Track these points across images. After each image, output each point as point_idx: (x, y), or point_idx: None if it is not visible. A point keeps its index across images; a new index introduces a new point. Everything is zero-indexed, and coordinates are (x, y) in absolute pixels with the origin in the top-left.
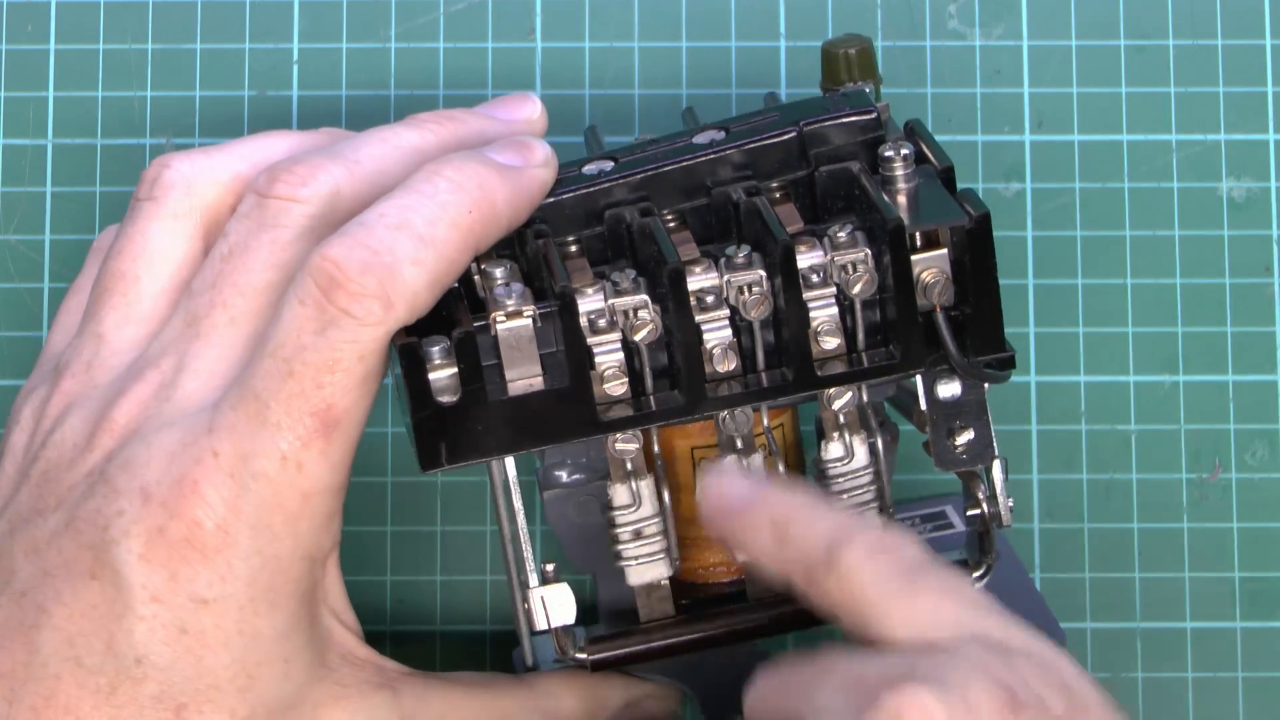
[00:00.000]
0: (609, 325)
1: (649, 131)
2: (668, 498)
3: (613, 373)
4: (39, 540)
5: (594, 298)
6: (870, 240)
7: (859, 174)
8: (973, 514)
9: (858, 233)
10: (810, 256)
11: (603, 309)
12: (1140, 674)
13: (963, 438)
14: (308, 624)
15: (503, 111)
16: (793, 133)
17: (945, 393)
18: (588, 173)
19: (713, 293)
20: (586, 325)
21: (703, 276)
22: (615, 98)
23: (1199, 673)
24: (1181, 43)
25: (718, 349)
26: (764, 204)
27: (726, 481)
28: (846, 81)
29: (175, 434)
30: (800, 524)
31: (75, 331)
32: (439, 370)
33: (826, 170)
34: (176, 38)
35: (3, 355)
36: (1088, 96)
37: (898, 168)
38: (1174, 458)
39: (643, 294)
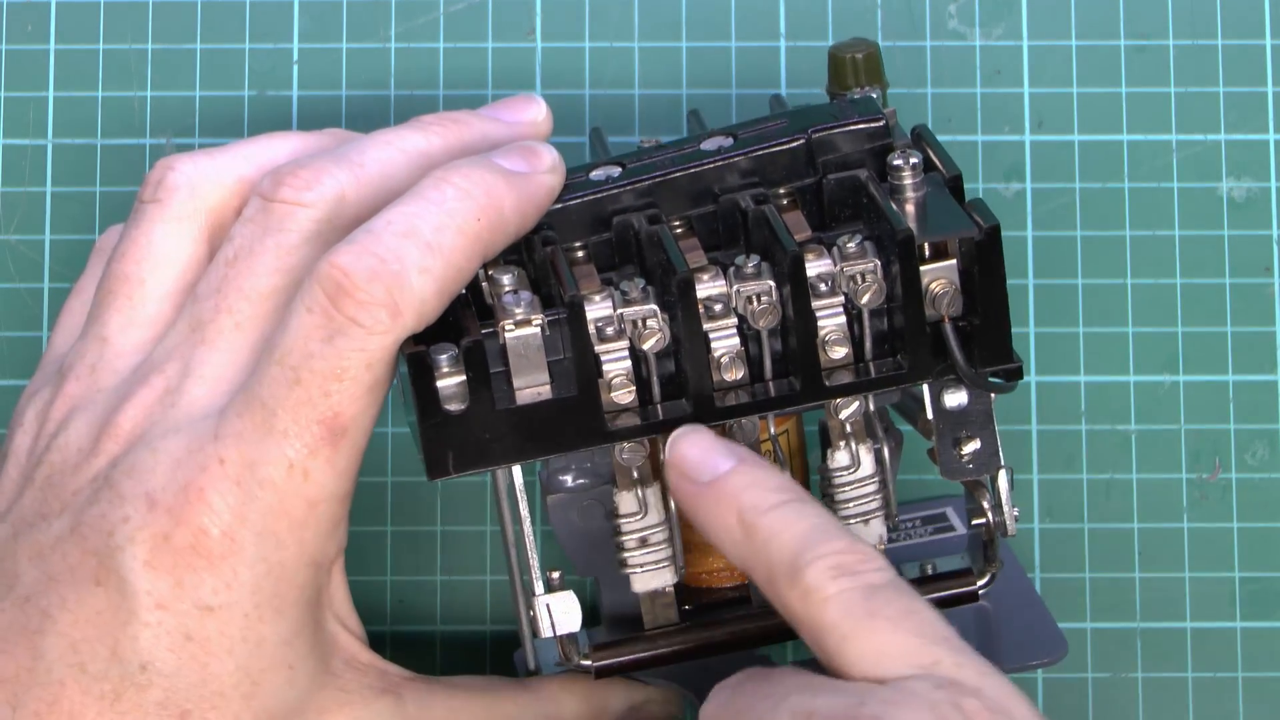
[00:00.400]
0: (617, 333)
1: (649, 132)
2: (674, 505)
3: (620, 381)
4: (43, 545)
5: (602, 305)
6: (879, 250)
7: (867, 182)
8: (977, 523)
9: (866, 242)
10: (819, 265)
11: (611, 317)
12: (1140, 674)
13: (969, 447)
14: (312, 630)
15: (507, 113)
16: (801, 140)
17: (952, 402)
18: (595, 178)
19: (721, 301)
20: (594, 333)
21: (711, 285)
22: (615, 98)
23: (1199, 673)
24: (1181, 43)
25: (725, 358)
26: (772, 212)
27: (698, 449)
28: (853, 86)
29: (181, 440)
30: (768, 524)
31: (78, 333)
32: (447, 378)
33: (834, 178)
34: (176, 38)
35: (3, 355)
36: (1088, 96)
37: (906, 176)
38: (1174, 458)
39: (651, 303)
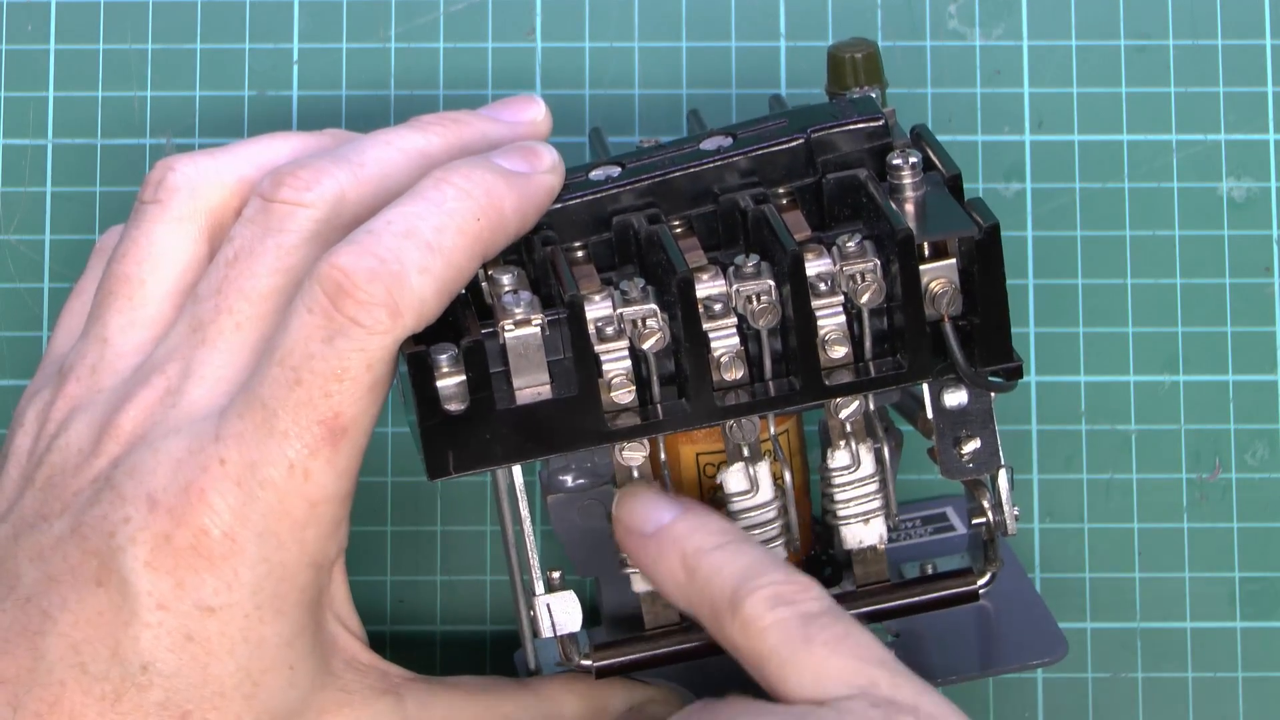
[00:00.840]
0: (617, 333)
1: (649, 132)
2: None
3: (620, 380)
4: (44, 546)
5: (602, 305)
6: (879, 250)
7: (866, 181)
8: (978, 522)
9: (866, 242)
10: (818, 265)
11: (610, 316)
12: (1140, 674)
13: (969, 446)
14: (313, 631)
15: (507, 113)
16: (800, 140)
17: (952, 401)
18: (594, 178)
19: (720, 301)
20: (594, 333)
21: (710, 284)
22: (615, 98)
23: (1199, 673)
24: (1181, 43)
25: (725, 357)
26: (771, 211)
27: (642, 504)
28: (853, 86)
29: (182, 441)
30: (709, 563)
31: (79, 333)
32: (447, 378)
33: (834, 177)
34: (176, 38)
35: (3, 355)
36: (1088, 96)
37: (906, 176)
38: (1174, 458)
39: (651, 302)
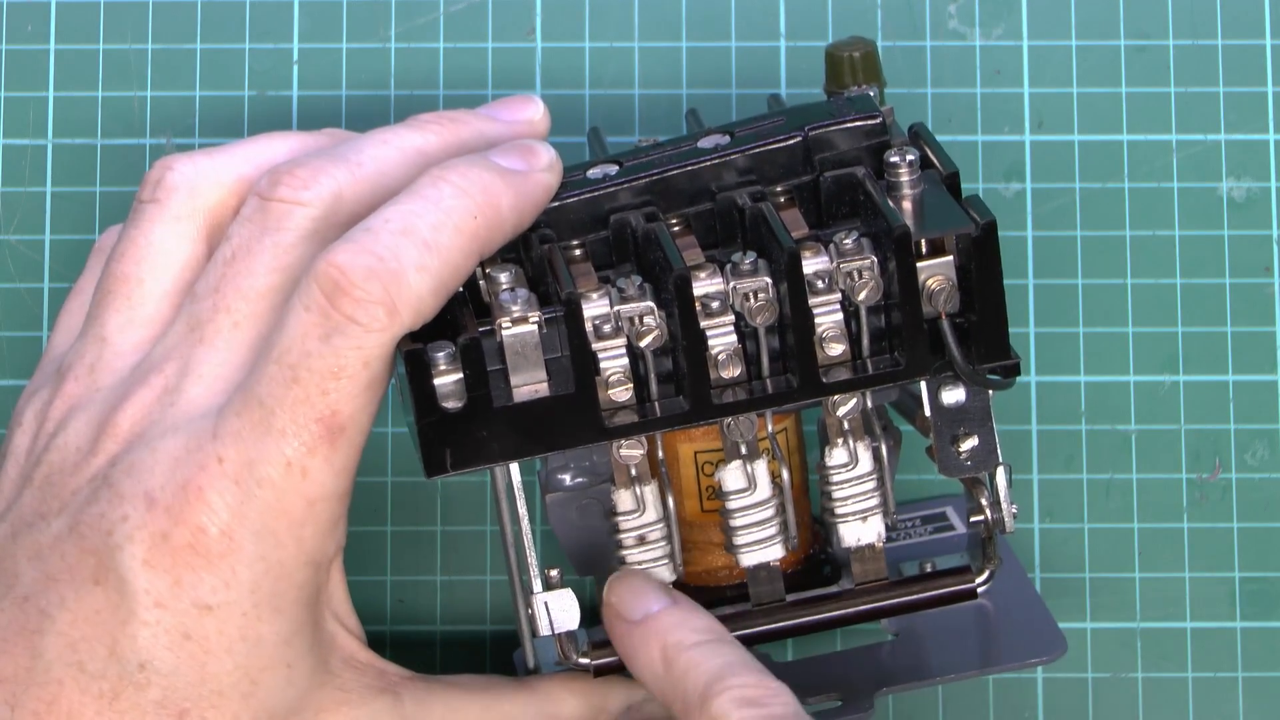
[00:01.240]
0: (614, 331)
1: (649, 132)
2: (671, 503)
3: (618, 378)
4: (42, 544)
5: (599, 303)
6: (876, 247)
7: (864, 179)
8: (976, 520)
9: (863, 239)
10: (816, 263)
11: (608, 314)
12: (1140, 674)
13: (967, 444)
14: (311, 629)
15: (505, 113)
16: (798, 138)
17: (950, 399)
18: (592, 177)
19: (718, 298)
20: (591, 331)
21: (708, 282)
22: (615, 98)
23: (1199, 673)
24: (1181, 43)
25: (723, 355)
26: (769, 209)
27: (632, 592)
28: (851, 85)
29: (179, 439)
30: (687, 659)
31: (77, 333)
32: (444, 376)
33: (831, 175)
34: (176, 38)
35: (3, 355)
36: (1088, 96)
37: (903, 173)
38: (1174, 458)
39: (648, 300)
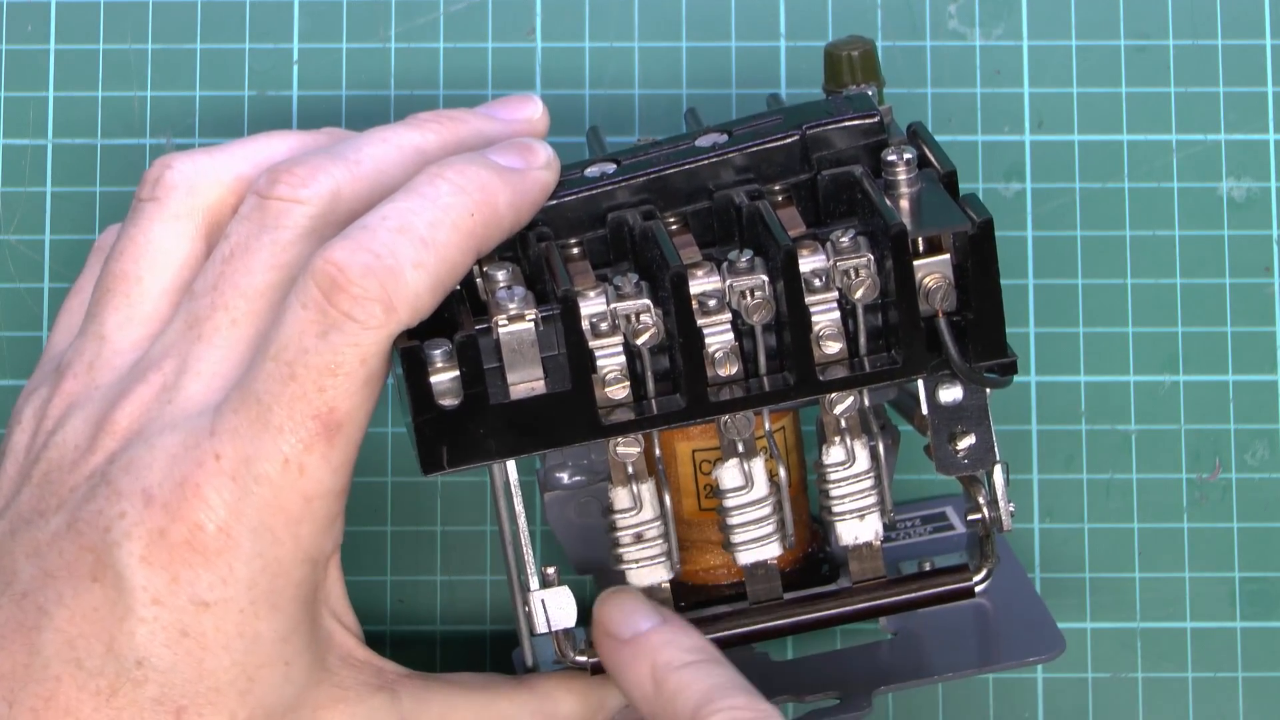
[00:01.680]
0: (611, 329)
1: (649, 132)
2: (669, 501)
3: (614, 376)
4: (40, 542)
5: (596, 301)
6: (873, 245)
7: (861, 178)
8: (973, 518)
9: (860, 237)
10: (812, 261)
11: (604, 312)
12: (1140, 674)
13: (964, 442)
14: (308, 627)
15: (504, 112)
16: (795, 136)
17: (947, 397)
18: (590, 175)
19: (715, 296)
20: (588, 329)
21: (705, 280)
22: (615, 98)
23: (1199, 673)
24: (1181, 43)
25: (719, 353)
26: (766, 208)
27: (621, 610)
28: (849, 84)
29: (177, 436)
30: (677, 680)
31: (77, 331)
32: (440, 373)
33: (829, 174)
34: (176, 38)
35: (3, 355)
36: (1088, 96)
37: (900, 172)
38: (1174, 458)
39: (645, 298)
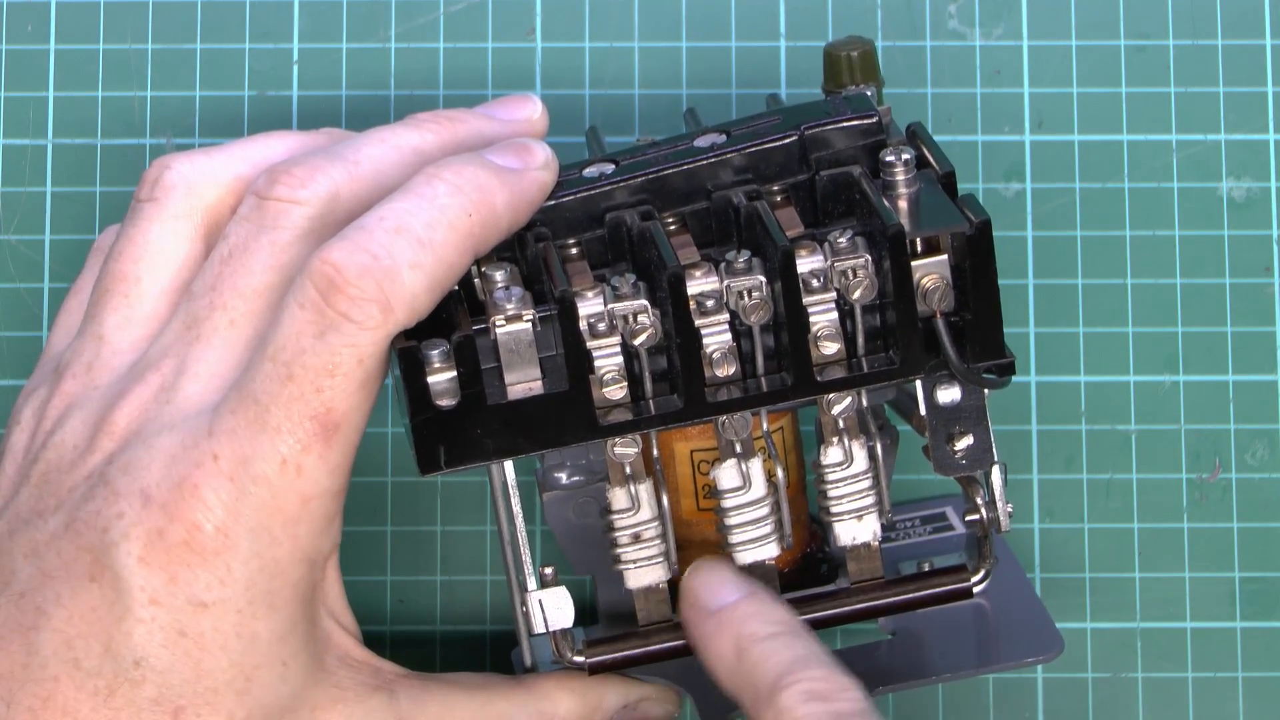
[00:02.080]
0: (609, 329)
1: (649, 132)
2: (666, 501)
3: (612, 376)
4: (38, 542)
5: (593, 301)
6: (871, 246)
7: (860, 178)
8: (972, 519)
9: (858, 238)
10: (810, 261)
11: (602, 313)
12: (1140, 674)
13: (962, 443)
14: (306, 627)
15: (503, 112)
16: (794, 136)
17: (945, 398)
18: (588, 175)
19: (713, 297)
20: (586, 329)
21: (703, 280)
22: (615, 98)
23: (1199, 673)
24: (1181, 43)
25: (717, 353)
26: (764, 208)
27: (712, 581)
28: (848, 84)
29: (175, 437)
30: (759, 650)
31: (76, 332)
32: (438, 374)
33: (827, 174)
34: (176, 38)
35: (3, 355)
36: (1088, 96)
37: (899, 172)
38: (1174, 458)
39: (642, 298)
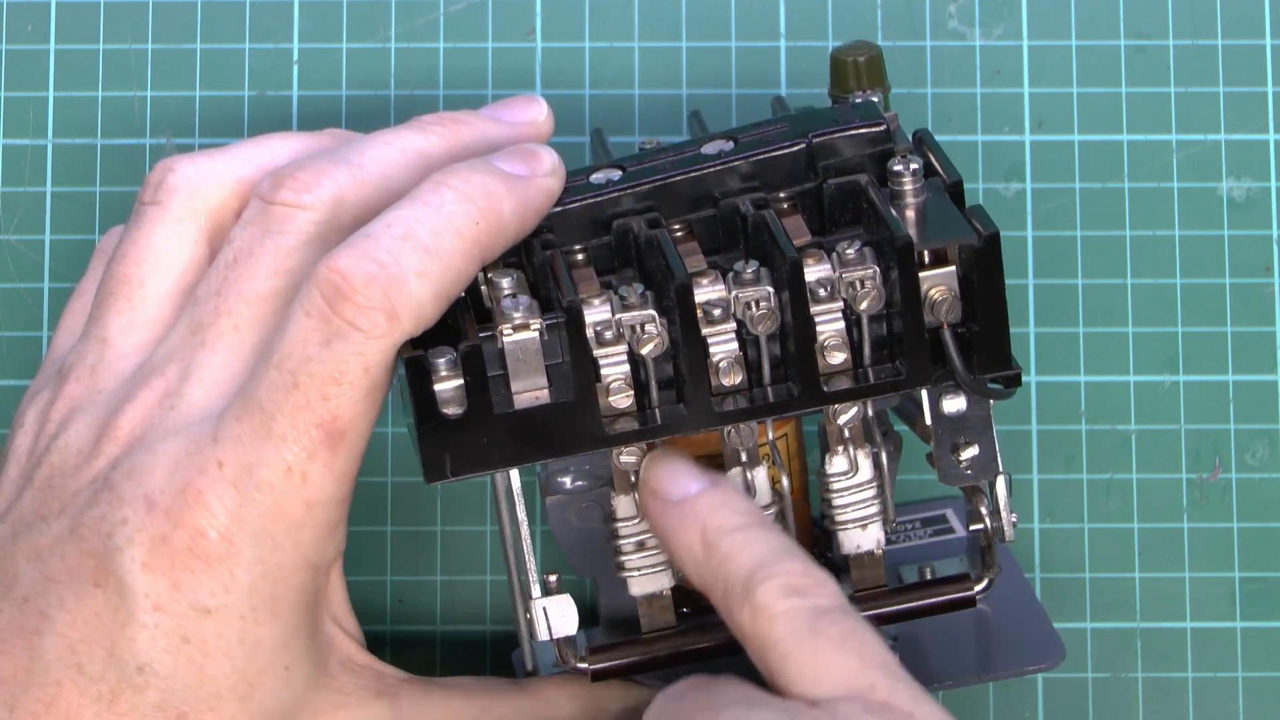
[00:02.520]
0: (615, 337)
1: (650, 132)
2: None
3: (618, 385)
4: (42, 546)
5: (600, 309)
6: (878, 256)
7: (867, 187)
8: (975, 528)
9: (866, 248)
10: (818, 271)
11: (609, 321)
12: (1140, 674)
13: (967, 453)
14: (309, 632)
15: (508, 113)
16: (801, 144)
17: (951, 408)
18: (595, 182)
19: (720, 306)
20: (593, 337)
21: (710, 289)
22: (615, 98)
23: (1199, 673)
24: (1181, 43)
25: (724, 362)
26: (772, 217)
27: (670, 471)
28: (855, 89)
29: (180, 443)
30: (729, 544)
31: (79, 334)
32: (444, 382)
33: (835, 183)
34: (176, 38)
35: (3, 355)
36: (1088, 96)
37: (906, 182)
38: (1174, 458)
39: (650, 308)
